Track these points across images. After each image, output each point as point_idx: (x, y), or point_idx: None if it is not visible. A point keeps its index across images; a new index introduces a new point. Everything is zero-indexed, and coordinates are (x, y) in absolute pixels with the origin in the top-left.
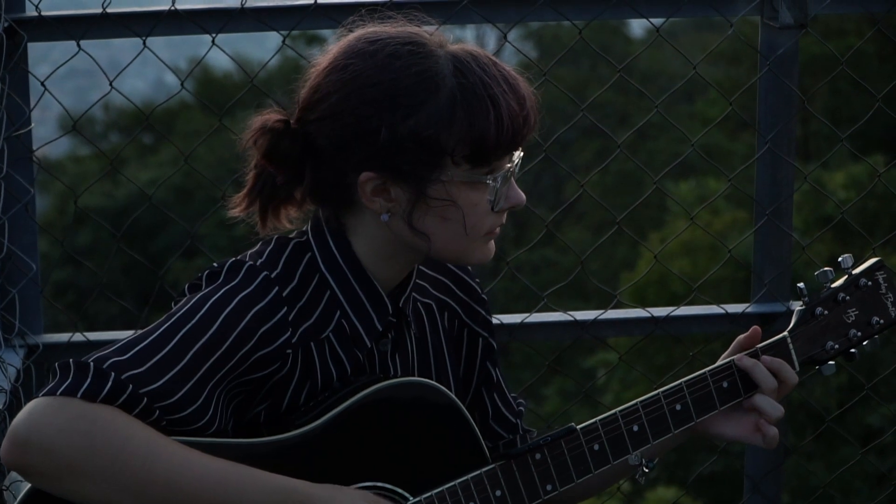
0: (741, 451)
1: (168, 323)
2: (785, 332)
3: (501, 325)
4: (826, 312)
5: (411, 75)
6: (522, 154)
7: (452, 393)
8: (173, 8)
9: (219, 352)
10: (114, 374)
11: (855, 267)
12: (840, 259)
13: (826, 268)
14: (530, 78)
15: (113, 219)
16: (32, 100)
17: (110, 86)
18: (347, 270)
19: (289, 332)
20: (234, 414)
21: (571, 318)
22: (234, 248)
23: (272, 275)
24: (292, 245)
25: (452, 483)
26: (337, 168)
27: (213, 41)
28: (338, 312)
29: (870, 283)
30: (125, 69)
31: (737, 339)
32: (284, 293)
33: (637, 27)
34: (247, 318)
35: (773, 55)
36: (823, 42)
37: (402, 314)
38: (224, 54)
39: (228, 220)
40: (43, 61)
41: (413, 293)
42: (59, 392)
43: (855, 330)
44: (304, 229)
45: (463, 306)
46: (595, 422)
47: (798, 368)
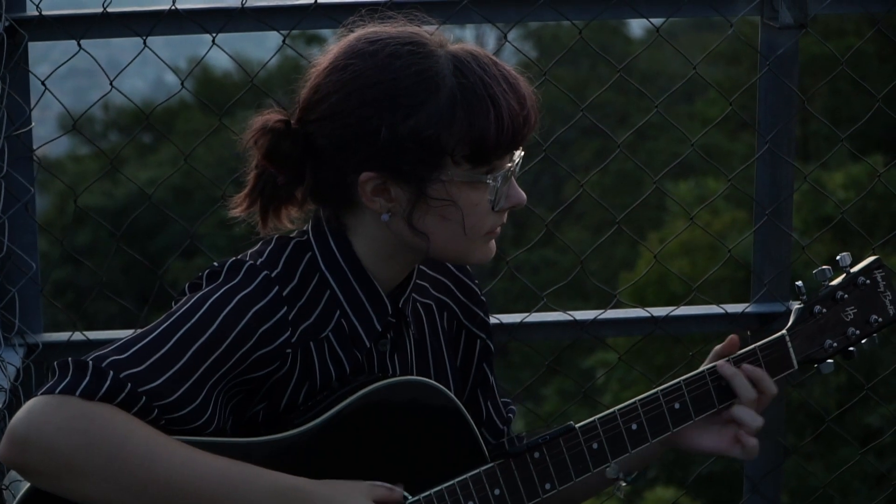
0: None
1: (168, 322)
2: (783, 331)
3: (501, 325)
4: (824, 311)
5: (411, 75)
6: (523, 153)
7: (451, 393)
8: (173, 7)
9: (218, 351)
10: (112, 373)
11: (853, 265)
12: (838, 258)
13: (824, 266)
14: (530, 77)
15: (112, 218)
16: (33, 99)
17: (110, 85)
18: (348, 270)
19: (289, 332)
20: (233, 413)
21: (571, 318)
22: (234, 248)
23: (272, 274)
24: (293, 244)
25: (451, 482)
26: (337, 168)
27: (213, 41)
28: (337, 312)
29: (868, 282)
30: (125, 69)
31: (714, 349)
32: (284, 293)
33: (637, 27)
34: (247, 318)
35: (773, 55)
36: (823, 42)
37: (402, 314)
38: (224, 54)
39: (228, 220)
40: (43, 61)
41: (413, 293)
42: (58, 390)
43: (853, 328)
44: (305, 229)
45: (462, 307)
46: (594, 420)
47: (797, 367)
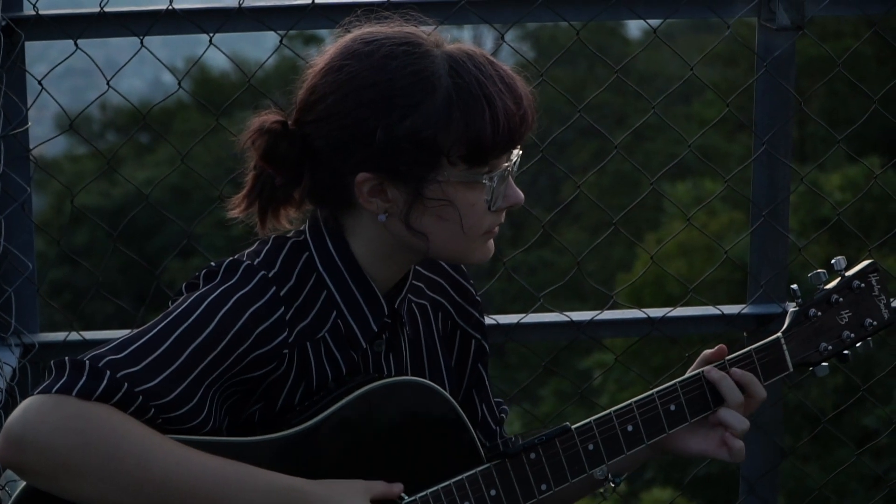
0: None
1: (165, 322)
2: (779, 333)
3: (498, 326)
4: (819, 314)
5: (407, 76)
6: (521, 153)
7: (447, 393)
8: (171, 7)
9: (215, 351)
10: (109, 373)
11: (848, 269)
12: (833, 261)
13: (819, 270)
14: (527, 77)
15: (110, 218)
16: (29, 99)
17: (107, 85)
18: (344, 270)
19: (285, 332)
20: (229, 413)
21: (567, 319)
22: (232, 248)
23: (269, 274)
24: (290, 244)
25: (447, 482)
26: (335, 169)
27: (211, 41)
28: (334, 312)
29: (863, 285)
30: (122, 68)
31: (702, 354)
32: (282, 293)
33: (634, 28)
34: (244, 318)
35: (770, 57)
36: (820, 44)
37: (397, 315)
38: (221, 54)
39: (226, 220)
40: (40, 60)
41: (408, 294)
42: (55, 390)
43: (848, 331)
44: (302, 229)
45: (457, 308)
46: (590, 421)
47: (792, 369)
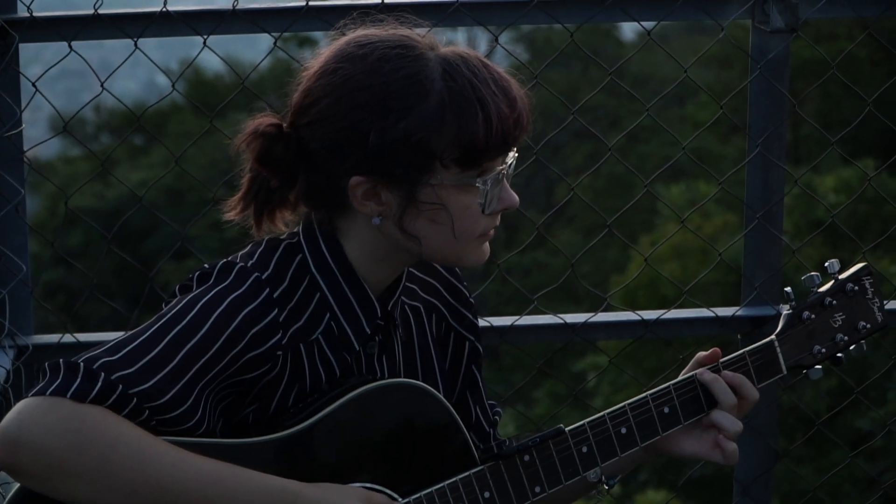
0: None
1: (159, 324)
2: (772, 336)
3: (492, 328)
4: (813, 317)
5: (400, 79)
6: (517, 155)
7: (441, 395)
8: (165, 9)
9: (209, 353)
10: (104, 375)
11: (842, 272)
12: (827, 264)
13: (813, 272)
14: (522, 80)
15: (104, 220)
16: (23, 100)
17: (101, 87)
18: (338, 273)
19: (279, 334)
20: (223, 415)
21: (562, 321)
22: (226, 250)
23: (263, 276)
24: (283, 246)
25: (441, 484)
26: (329, 172)
27: (205, 42)
28: (327, 314)
29: (856, 288)
30: (116, 70)
31: (696, 357)
32: (275, 294)
33: (628, 30)
34: (237, 320)
35: (764, 59)
36: (814, 46)
37: (391, 317)
38: (215, 56)
39: (220, 222)
40: (34, 62)
41: (402, 296)
42: (49, 392)
43: (842, 334)
44: (295, 231)
45: (450, 309)
46: (583, 424)
47: (786, 372)
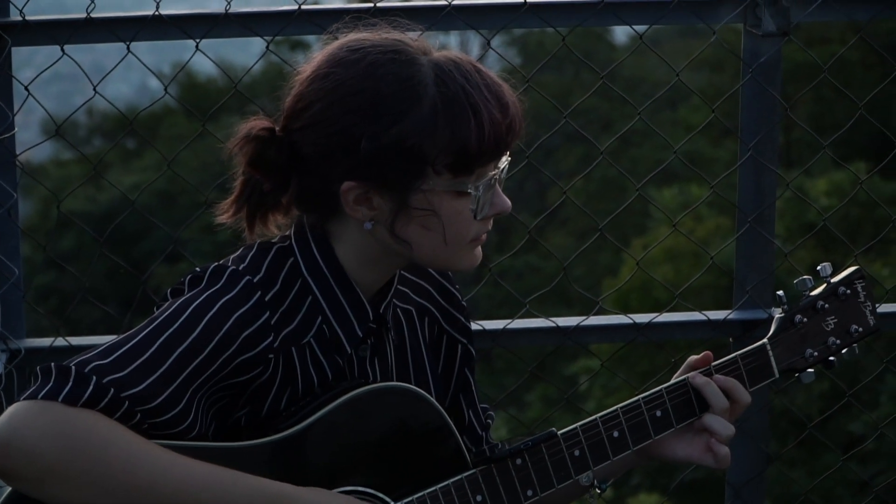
0: None
1: (150, 327)
2: (764, 340)
3: (484, 331)
4: (805, 320)
5: (393, 84)
6: (509, 160)
7: (433, 398)
8: (157, 13)
9: (201, 356)
10: (95, 378)
11: (834, 275)
12: (819, 267)
13: (805, 276)
14: (514, 84)
15: (96, 223)
16: (16, 104)
17: (94, 90)
18: (330, 276)
19: (271, 337)
20: (216, 418)
21: (554, 325)
22: (218, 253)
23: (255, 279)
24: (275, 250)
25: (433, 488)
26: (321, 176)
27: (197, 46)
28: (319, 318)
29: (849, 292)
30: (109, 74)
31: (688, 360)
32: (267, 298)
33: (621, 34)
34: (229, 323)
35: (756, 62)
36: (806, 50)
37: (383, 320)
38: (208, 59)
39: (212, 226)
40: (27, 66)
41: (393, 299)
42: (41, 396)
43: (834, 338)
44: (287, 234)
45: (443, 312)
46: (576, 427)
47: (778, 375)
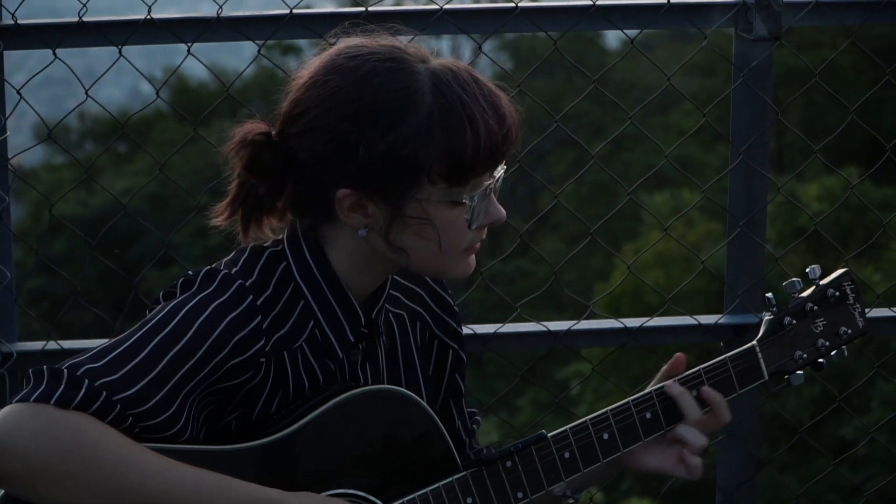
0: (713, 463)
1: (142, 330)
2: (753, 342)
3: (475, 335)
4: (794, 322)
5: (390, 93)
6: (505, 169)
7: (424, 402)
8: (149, 17)
9: (193, 360)
10: (87, 381)
11: (823, 278)
12: (808, 269)
13: (794, 278)
14: (506, 89)
15: (88, 227)
16: (8, 108)
17: (86, 94)
18: (322, 281)
19: (262, 341)
20: (207, 422)
21: (545, 329)
22: (210, 258)
23: (247, 283)
24: (267, 254)
25: (423, 490)
26: (316, 182)
27: (189, 50)
28: (311, 322)
29: (837, 294)
30: (101, 78)
31: (662, 369)
32: (259, 302)
33: (613, 38)
34: (221, 327)
35: (748, 67)
36: (797, 55)
37: (374, 325)
38: (200, 63)
39: (204, 230)
40: (18, 69)
41: (386, 304)
42: (33, 399)
43: (823, 340)
44: (280, 238)
45: (434, 317)
46: (566, 430)
47: (767, 377)
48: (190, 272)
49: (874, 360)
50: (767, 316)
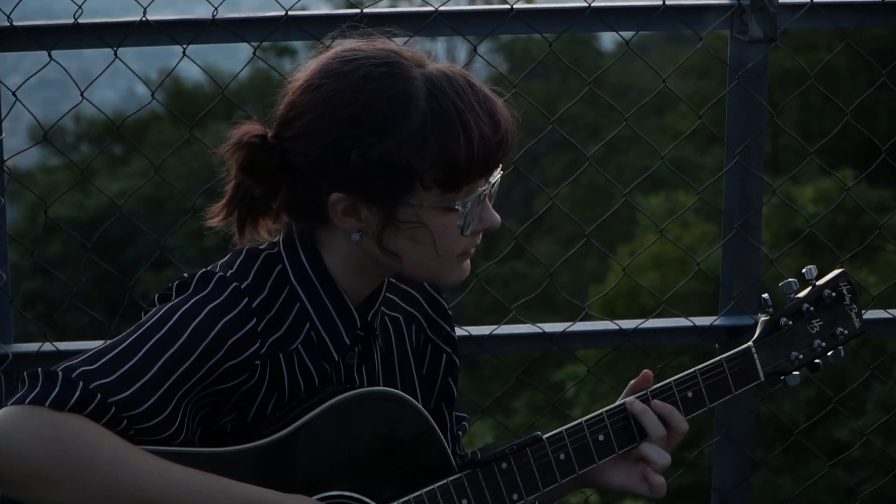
0: (709, 465)
1: (137, 333)
2: (749, 343)
3: (470, 337)
4: (791, 323)
5: (384, 98)
6: (501, 174)
7: (419, 404)
8: (144, 19)
9: (188, 362)
10: (82, 384)
11: (819, 278)
12: (804, 270)
13: (790, 279)
14: (500, 93)
15: (83, 229)
16: (3, 110)
17: (81, 96)
18: (318, 283)
19: (258, 343)
20: (202, 424)
21: (540, 331)
22: (205, 260)
23: (242, 286)
24: (263, 256)
25: (419, 492)
26: (311, 186)
27: (184, 52)
28: (307, 324)
29: (834, 295)
30: (96, 80)
31: (630, 384)
32: (254, 304)
33: (608, 41)
34: (216, 329)
35: (743, 69)
36: (793, 56)
37: (370, 327)
38: (195, 65)
39: (199, 232)
40: (14, 71)
41: (381, 306)
42: (28, 401)
43: (819, 341)
44: (276, 241)
45: (429, 321)
46: (561, 431)
47: (763, 378)
48: (185, 274)
49: (869, 362)
50: (763, 317)
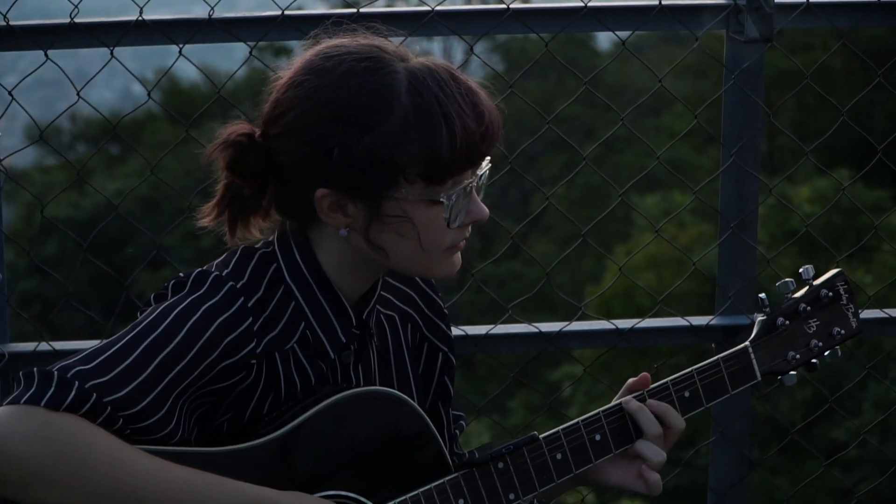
0: (705, 465)
1: (133, 332)
2: (746, 343)
3: (466, 337)
4: (787, 323)
5: (366, 94)
6: (489, 167)
7: (415, 403)
8: (141, 18)
9: (184, 361)
10: (78, 383)
11: (816, 278)
12: (801, 270)
13: (787, 279)
14: (493, 92)
15: (79, 229)
16: None
17: (77, 96)
18: (313, 282)
19: (254, 343)
20: (198, 424)
21: (536, 330)
22: (201, 260)
23: (238, 285)
24: (258, 255)
25: (415, 492)
26: (297, 183)
27: (181, 52)
28: (302, 323)
29: (831, 294)
30: (93, 79)
31: (626, 383)
32: (250, 303)
33: (604, 40)
34: (212, 328)
35: (739, 69)
36: (789, 56)
37: (366, 326)
38: (191, 65)
39: (195, 231)
40: (10, 71)
41: (377, 305)
42: (23, 401)
43: (816, 340)
44: (270, 240)
45: (425, 319)
46: (557, 431)
47: (760, 378)
48: (181, 274)
49: (866, 362)
50: (760, 316)
